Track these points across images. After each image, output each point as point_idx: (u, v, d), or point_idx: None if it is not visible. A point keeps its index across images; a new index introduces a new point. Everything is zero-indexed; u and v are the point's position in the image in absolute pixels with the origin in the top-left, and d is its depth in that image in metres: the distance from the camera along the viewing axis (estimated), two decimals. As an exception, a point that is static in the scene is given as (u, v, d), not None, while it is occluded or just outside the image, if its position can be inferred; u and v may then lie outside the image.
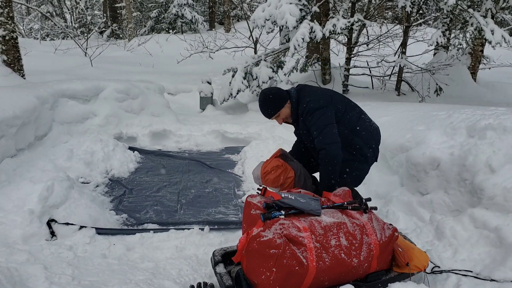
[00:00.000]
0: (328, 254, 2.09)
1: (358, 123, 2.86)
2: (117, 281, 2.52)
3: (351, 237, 2.17)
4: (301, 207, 2.20)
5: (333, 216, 2.24)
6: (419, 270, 2.29)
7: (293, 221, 2.14)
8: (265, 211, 2.21)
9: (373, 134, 2.92)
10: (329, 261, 2.09)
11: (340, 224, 2.19)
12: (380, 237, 2.23)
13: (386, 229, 2.28)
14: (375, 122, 3.00)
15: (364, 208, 2.34)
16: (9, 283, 2.28)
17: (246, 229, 2.31)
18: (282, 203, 2.21)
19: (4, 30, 6.23)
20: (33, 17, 22.51)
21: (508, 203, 2.52)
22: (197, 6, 22.03)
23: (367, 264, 2.20)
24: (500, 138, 2.82)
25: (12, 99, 4.12)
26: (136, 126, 5.78)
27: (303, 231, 2.09)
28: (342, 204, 2.34)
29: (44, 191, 3.16)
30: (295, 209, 2.21)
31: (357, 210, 2.33)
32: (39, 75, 8.15)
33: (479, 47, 9.14)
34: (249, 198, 2.40)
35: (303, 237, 2.07)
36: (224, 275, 2.28)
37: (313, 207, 2.22)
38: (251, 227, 2.20)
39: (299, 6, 6.13)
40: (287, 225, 2.10)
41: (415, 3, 6.82)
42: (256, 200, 2.34)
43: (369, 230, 2.22)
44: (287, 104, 2.87)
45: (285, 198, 2.22)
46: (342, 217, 2.24)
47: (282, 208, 2.21)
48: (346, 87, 7.72)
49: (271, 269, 2.03)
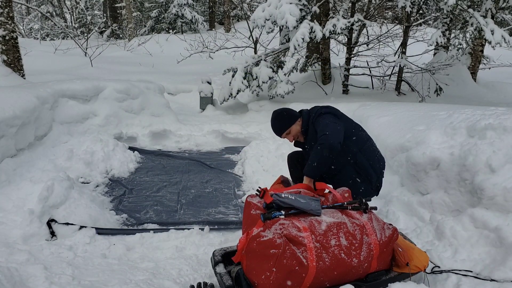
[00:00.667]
0: (328, 254, 2.09)
1: (365, 144, 2.93)
2: (117, 281, 2.52)
3: (351, 237, 2.16)
4: (301, 207, 2.20)
5: (333, 216, 2.24)
6: (419, 270, 2.29)
7: (293, 221, 2.14)
8: (265, 211, 2.21)
9: (379, 159, 3.00)
10: (329, 261, 2.09)
11: (340, 224, 2.18)
12: (380, 237, 2.22)
13: (386, 229, 2.28)
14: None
15: (364, 208, 2.34)
16: (9, 283, 2.28)
17: (246, 229, 2.31)
18: (282, 203, 2.21)
19: (4, 30, 6.23)
20: (33, 17, 22.51)
21: (508, 203, 2.52)
22: (197, 6, 22.04)
23: (367, 264, 2.19)
24: (500, 138, 2.82)
25: (12, 99, 4.11)
26: (136, 126, 5.78)
27: (303, 231, 2.09)
28: (342, 204, 2.34)
29: (44, 191, 3.16)
30: (295, 209, 2.21)
31: (357, 210, 2.33)
32: (39, 75, 8.15)
33: (479, 47, 9.14)
34: (249, 198, 2.40)
35: (303, 237, 2.07)
36: (224, 275, 2.28)
37: (313, 207, 2.21)
38: (251, 227, 2.19)
39: (299, 6, 6.13)
40: (287, 225, 2.10)
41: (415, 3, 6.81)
42: (256, 200, 2.34)
43: (369, 230, 2.21)
44: (297, 122, 2.97)
45: (285, 198, 2.22)
46: (342, 217, 2.24)
47: (282, 208, 2.21)
48: (346, 87, 7.72)
49: (271, 269, 2.03)
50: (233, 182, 4.35)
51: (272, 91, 6.91)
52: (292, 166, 3.25)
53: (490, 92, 8.56)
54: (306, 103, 5.86)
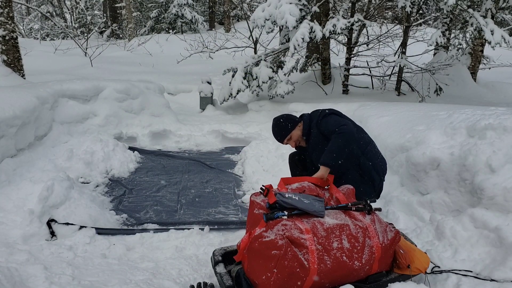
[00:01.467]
0: (330, 257, 2.09)
1: (368, 147, 2.94)
2: (117, 281, 2.52)
3: (353, 239, 2.16)
4: (304, 208, 2.18)
5: (336, 217, 2.23)
6: (419, 272, 2.29)
7: (295, 222, 2.13)
8: (268, 211, 2.20)
9: (382, 162, 3.01)
10: (331, 263, 2.08)
11: (343, 226, 2.18)
12: (383, 240, 2.22)
13: (389, 231, 2.28)
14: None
15: (368, 209, 2.32)
16: (9, 283, 2.28)
17: (249, 228, 2.31)
18: (285, 203, 2.20)
19: (4, 30, 6.23)
20: (33, 17, 22.51)
21: (508, 203, 2.52)
22: (197, 6, 22.04)
23: (369, 266, 2.19)
24: (500, 138, 2.82)
25: (12, 99, 4.11)
26: (136, 126, 5.78)
27: (305, 233, 2.08)
28: (346, 205, 2.32)
29: (44, 191, 3.16)
30: (298, 210, 2.19)
31: (360, 211, 2.31)
32: (39, 75, 8.15)
33: (479, 47, 9.14)
34: (253, 196, 2.38)
35: (305, 239, 2.06)
36: (224, 275, 2.28)
37: (316, 208, 2.19)
38: (254, 226, 2.19)
39: (299, 6, 6.13)
40: (289, 227, 2.09)
41: (415, 3, 6.81)
42: (260, 199, 2.32)
43: (371, 233, 2.21)
44: (298, 127, 2.97)
45: (288, 199, 2.20)
46: (345, 219, 2.23)
47: (285, 209, 2.20)
48: (346, 87, 7.71)
49: (272, 270, 2.03)
50: (233, 182, 4.35)
51: (272, 91, 6.90)
52: (293, 166, 3.25)
53: (490, 92, 8.56)
54: (306, 103, 5.86)
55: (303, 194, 2.31)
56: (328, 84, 8.19)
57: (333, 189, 2.49)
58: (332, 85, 8.07)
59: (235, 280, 2.23)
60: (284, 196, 2.23)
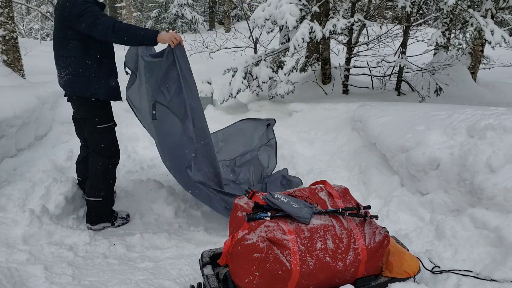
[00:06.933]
0: (312, 258, 2.06)
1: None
2: (117, 281, 2.52)
3: (338, 240, 2.13)
4: (289, 211, 2.13)
5: (321, 218, 2.19)
6: (408, 275, 2.26)
7: (279, 223, 2.10)
8: (250, 211, 2.16)
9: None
10: (313, 264, 2.06)
11: (328, 226, 2.15)
12: (369, 242, 2.19)
13: (377, 234, 2.23)
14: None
15: (363, 216, 2.26)
16: (9, 283, 2.28)
17: (231, 231, 2.27)
18: (271, 203, 2.16)
19: (4, 30, 6.22)
20: (33, 17, 22.51)
21: (508, 203, 2.52)
22: (197, 6, 22.04)
23: (354, 269, 2.16)
24: (500, 138, 2.82)
25: (12, 99, 4.11)
26: (136, 126, 5.76)
27: (288, 234, 2.06)
28: (337, 210, 2.25)
29: (44, 191, 3.16)
30: (283, 212, 2.15)
31: (356, 217, 2.25)
32: (39, 75, 8.14)
33: (479, 47, 9.14)
34: (236, 200, 2.34)
35: (288, 240, 2.04)
36: (210, 277, 2.25)
37: (301, 215, 2.13)
38: (237, 229, 2.15)
39: (299, 6, 6.13)
40: (272, 228, 2.07)
41: (415, 3, 6.80)
42: (243, 202, 2.28)
43: (356, 235, 2.18)
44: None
45: (276, 199, 2.16)
46: (330, 219, 2.20)
47: (270, 210, 2.16)
48: (346, 87, 7.71)
49: (254, 273, 2.01)
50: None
51: (272, 91, 6.90)
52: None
53: (490, 92, 8.55)
54: (306, 103, 5.86)
55: (294, 198, 2.25)
56: (328, 84, 8.18)
57: (327, 186, 2.47)
58: (332, 85, 8.07)
59: (223, 282, 2.21)
60: (273, 196, 2.19)
